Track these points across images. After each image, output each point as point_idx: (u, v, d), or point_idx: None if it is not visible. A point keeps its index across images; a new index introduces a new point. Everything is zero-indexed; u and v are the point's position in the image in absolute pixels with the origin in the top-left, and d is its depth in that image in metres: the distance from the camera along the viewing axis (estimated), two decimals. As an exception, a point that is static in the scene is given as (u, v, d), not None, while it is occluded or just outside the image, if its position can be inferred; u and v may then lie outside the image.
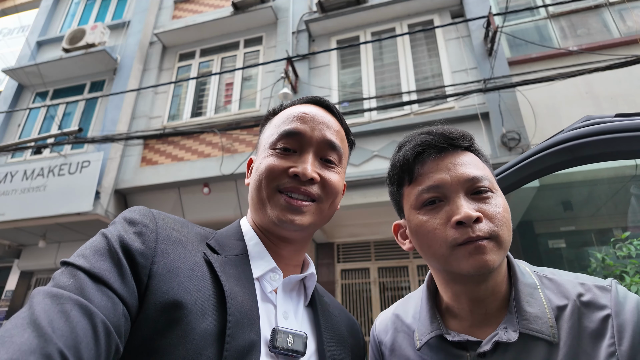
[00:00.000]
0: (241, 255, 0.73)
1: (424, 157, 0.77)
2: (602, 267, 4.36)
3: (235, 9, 7.10)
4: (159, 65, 7.55)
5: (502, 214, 0.71)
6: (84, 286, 0.51)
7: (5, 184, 6.50)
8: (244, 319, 0.61)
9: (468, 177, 0.72)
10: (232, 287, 0.64)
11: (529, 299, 0.72)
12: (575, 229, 5.52)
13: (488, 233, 0.68)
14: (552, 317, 0.69)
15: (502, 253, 0.70)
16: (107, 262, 0.56)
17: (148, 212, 0.67)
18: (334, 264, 6.40)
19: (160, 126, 6.82)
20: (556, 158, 0.78)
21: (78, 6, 9.03)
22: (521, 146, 4.70)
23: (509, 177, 0.91)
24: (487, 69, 5.24)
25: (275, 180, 0.74)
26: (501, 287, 0.75)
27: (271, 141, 0.79)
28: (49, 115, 7.51)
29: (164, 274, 0.59)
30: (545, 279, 0.77)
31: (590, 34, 5.41)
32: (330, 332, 0.78)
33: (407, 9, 6.30)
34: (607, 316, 0.65)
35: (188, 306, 0.57)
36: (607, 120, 0.70)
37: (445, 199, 0.73)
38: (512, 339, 0.68)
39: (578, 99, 4.90)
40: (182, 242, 0.66)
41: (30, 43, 8.35)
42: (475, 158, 0.78)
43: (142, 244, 0.60)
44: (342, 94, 6.12)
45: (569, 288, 0.72)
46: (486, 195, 0.72)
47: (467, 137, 0.79)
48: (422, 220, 0.74)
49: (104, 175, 6.18)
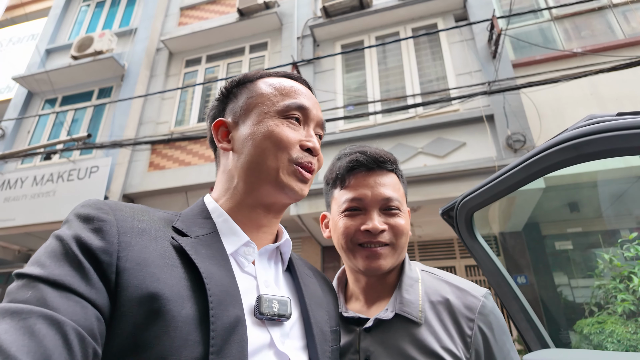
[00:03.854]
0: (211, 234, 0.71)
1: (355, 172, 0.97)
2: (610, 269, 4.35)
3: (241, 15, 7.19)
4: (165, 71, 7.65)
5: (403, 227, 0.94)
6: (45, 296, 0.48)
7: (15, 189, 6.60)
8: (226, 297, 0.61)
9: (384, 197, 0.94)
10: (207, 267, 0.62)
11: (409, 288, 0.92)
12: (582, 230, 5.50)
13: (389, 240, 0.92)
14: (422, 304, 0.88)
15: (397, 256, 0.94)
16: (66, 265, 0.52)
17: (104, 205, 0.63)
18: (340, 267, 6.40)
19: (167, 131, 6.89)
20: (561, 155, 0.81)
21: (86, 14, 9.18)
22: (526, 148, 4.71)
23: (515, 174, 0.94)
24: (492, 72, 5.27)
25: (287, 152, 0.79)
26: (391, 279, 0.97)
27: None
28: (58, 122, 7.62)
29: (133, 267, 0.56)
30: (430, 278, 0.96)
31: (594, 36, 5.42)
32: (310, 294, 0.80)
33: (411, 13, 6.34)
34: (472, 318, 0.84)
35: (165, 295, 0.55)
36: (609, 118, 0.74)
37: (363, 210, 0.95)
38: (388, 317, 0.87)
39: (583, 101, 4.91)
40: (146, 231, 0.63)
41: (39, 51, 8.49)
42: (395, 179, 0.99)
43: (102, 241, 0.56)
44: (347, 98, 6.17)
45: (447, 289, 0.91)
46: (394, 212, 0.94)
47: (392, 162, 0.99)
48: (342, 221, 0.96)
49: (112, 180, 6.26)
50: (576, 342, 4.31)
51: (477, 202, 1.12)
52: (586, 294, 4.90)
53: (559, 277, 5.35)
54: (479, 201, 1.11)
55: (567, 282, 5.27)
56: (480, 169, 4.70)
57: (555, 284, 5.27)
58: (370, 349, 0.86)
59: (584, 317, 4.39)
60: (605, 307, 4.27)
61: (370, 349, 0.86)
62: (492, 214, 5.30)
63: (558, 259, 5.47)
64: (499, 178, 1.01)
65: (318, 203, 5.24)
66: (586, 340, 4.05)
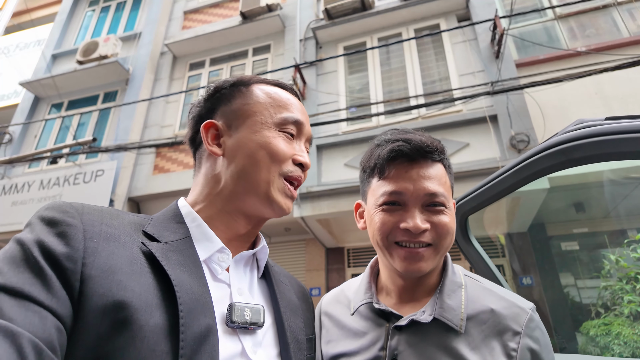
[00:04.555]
0: (184, 239, 0.69)
1: (397, 162, 0.87)
2: (617, 269, 4.30)
3: (244, 18, 7.22)
4: (169, 75, 7.71)
5: (448, 226, 0.84)
6: (1, 305, 0.45)
7: (22, 193, 6.68)
8: (196, 305, 0.59)
9: (428, 191, 0.83)
10: (178, 274, 0.60)
11: (451, 294, 0.84)
12: (588, 231, 5.45)
13: (431, 240, 0.82)
14: (464, 313, 0.81)
15: (439, 258, 0.85)
16: (25, 272, 0.49)
17: (70, 208, 0.60)
18: (344, 269, 6.41)
19: (171, 134, 6.94)
20: (550, 160, 0.81)
21: (91, 19, 9.28)
22: (530, 148, 4.67)
23: (506, 179, 0.94)
24: (495, 72, 5.24)
25: (279, 165, 0.77)
26: (430, 281, 0.89)
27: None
28: (64, 126, 7.70)
29: (99, 275, 0.53)
30: (474, 285, 0.88)
31: (598, 34, 5.37)
32: (285, 302, 0.79)
33: (413, 14, 6.33)
34: (518, 332, 0.77)
35: (132, 304, 0.53)
36: (597, 123, 0.73)
37: (403, 205, 0.84)
38: (425, 321, 0.80)
39: (587, 100, 4.86)
40: (114, 236, 0.60)
41: (45, 56, 8.60)
42: (442, 170, 0.88)
43: (66, 246, 0.54)
44: (349, 100, 6.17)
45: (491, 298, 0.83)
46: (439, 209, 0.84)
47: (439, 151, 0.88)
48: (378, 216, 0.86)
49: (118, 183, 6.32)
50: (582, 344, 4.27)
51: (471, 206, 1.11)
52: (592, 295, 4.85)
53: (565, 278, 5.30)
54: (473, 205, 1.10)
55: (573, 283, 5.22)
56: (484, 169, 4.67)
57: (561, 285, 5.22)
58: (399, 348, 0.81)
59: (590, 319, 4.34)
60: (611, 308, 4.22)
61: (399, 349, 0.81)
62: (496, 215, 5.27)
63: (564, 260, 5.42)
64: (491, 182, 1.01)
65: (321, 205, 5.24)
66: (592, 342, 4.01)
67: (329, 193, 5.24)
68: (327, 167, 5.64)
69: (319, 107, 6.06)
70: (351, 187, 5.12)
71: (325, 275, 6.34)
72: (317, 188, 5.26)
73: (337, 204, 5.18)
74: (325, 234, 5.96)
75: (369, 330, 0.87)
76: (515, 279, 5.34)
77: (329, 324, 0.96)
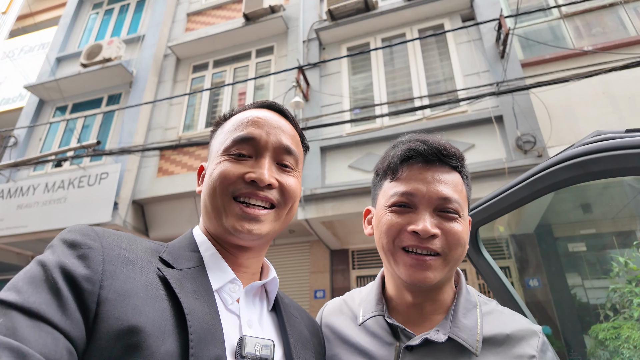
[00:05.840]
0: (198, 267, 0.70)
1: (411, 162, 0.82)
2: (625, 271, 4.24)
3: (247, 20, 7.21)
4: (173, 77, 7.71)
5: (460, 236, 0.77)
6: (16, 325, 0.46)
7: (27, 196, 6.70)
8: (207, 335, 0.59)
9: (441, 195, 0.77)
10: (190, 302, 0.61)
11: (467, 313, 0.80)
12: (596, 232, 5.38)
13: (440, 249, 0.76)
14: (480, 334, 0.76)
15: (447, 270, 0.78)
16: (43, 293, 0.50)
17: (91, 232, 0.61)
18: (349, 271, 6.38)
19: (175, 137, 6.94)
20: (567, 173, 0.78)
21: (95, 22, 9.30)
22: (537, 149, 4.63)
23: (520, 191, 0.91)
24: (500, 72, 5.19)
25: (230, 187, 0.72)
26: (442, 297, 0.83)
27: (224, 147, 0.76)
28: (68, 129, 7.72)
29: (115, 298, 0.54)
30: (487, 306, 0.84)
31: (605, 33, 5.30)
32: (295, 335, 0.78)
33: (417, 14, 6.29)
34: (533, 355, 0.74)
35: (145, 330, 0.53)
36: (617, 135, 0.70)
37: (413, 208, 0.79)
38: (440, 340, 0.75)
39: (594, 100, 4.80)
40: (132, 261, 0.61)
41: (49, 59, 8.63)
42: (458, 179, 0.82)
43: (86, 268, 0.55)
44: (353, 101, 6.14)
45: (505, 320, 0.80)
46: (451, 215, 0.78)
47: (457, 157, 0.83)
48: (386, 217, 0.81)
49: (122, 186, 6.32)
50: (591, 347, 4.21)
51: (482, 217, 1.08)
52: (601, 297, 4.79)
53: (573, 280, 5.24)
54: (484, 216, 1.07)
55: (581, 285, 5.16)
56: (490, 170, 4.63)
57: (568, 287, 5.16)
58: None
59: (599, 322, 4.29)
60: (621, 311, 4.16)
61: None
62: (502, 216, 5.22)
63: (572, 261, 5.36)
64: (504, 193, 0.98)
65: (325, 207, 5.21)
66: (601, 346, 3.96)
67: (333, 195, 5.21)
68: (331, 169, 5.62)
69: (322, 108, 6.03)
70: (355, 189, 5.09)
71: (329, 278, 6.31)
72: (321, 190, 5.23)
73: (341, 205, 5.15)
74: (329, 235, 5.94)
75: (377, 349, 0.82)
76: (522, 281, 5.29)
77: (332, 337, 0.93)
